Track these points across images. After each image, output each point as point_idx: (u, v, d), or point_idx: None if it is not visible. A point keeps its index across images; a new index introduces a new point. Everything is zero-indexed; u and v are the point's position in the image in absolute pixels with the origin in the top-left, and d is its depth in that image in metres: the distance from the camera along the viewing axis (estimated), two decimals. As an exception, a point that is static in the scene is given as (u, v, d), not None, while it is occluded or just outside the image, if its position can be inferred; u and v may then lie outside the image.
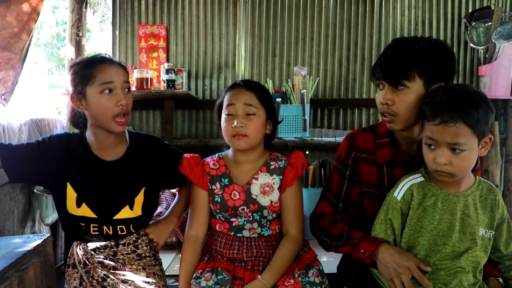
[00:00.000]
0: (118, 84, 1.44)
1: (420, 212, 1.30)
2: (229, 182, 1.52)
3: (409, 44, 1.33)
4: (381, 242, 1.31)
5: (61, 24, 7.48)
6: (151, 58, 3.47)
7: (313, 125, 3.53)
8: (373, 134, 1.50)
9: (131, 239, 1.53)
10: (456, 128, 1.17)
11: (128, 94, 1.49)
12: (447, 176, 1.23)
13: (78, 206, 1.48)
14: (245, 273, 1.46)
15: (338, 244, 1.41)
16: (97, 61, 1.45)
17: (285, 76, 3.53)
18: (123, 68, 1.50)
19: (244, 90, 1.49)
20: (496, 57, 3.18)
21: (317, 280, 1.44)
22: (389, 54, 1.34)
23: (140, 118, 3.57)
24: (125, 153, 1.54)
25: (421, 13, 3.52)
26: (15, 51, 2.25)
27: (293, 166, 1.51)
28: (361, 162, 1.48)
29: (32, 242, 1.54)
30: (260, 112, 1.48)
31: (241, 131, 1.45)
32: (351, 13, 3.53)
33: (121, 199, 1.51)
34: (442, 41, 1.38)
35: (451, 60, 1.34)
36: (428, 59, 1.30)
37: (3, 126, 2.16)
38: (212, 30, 3.54)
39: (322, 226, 1.50)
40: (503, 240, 1.35)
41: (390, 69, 1.32)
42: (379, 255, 1.29)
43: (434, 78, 1.31)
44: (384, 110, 1.36)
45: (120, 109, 1.43)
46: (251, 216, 1.50)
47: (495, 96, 3.17)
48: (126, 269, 1.50)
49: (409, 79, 1.30)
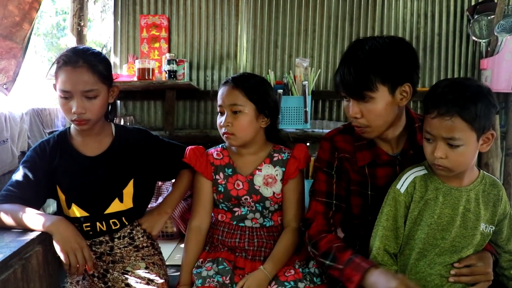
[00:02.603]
0: (75, 93, 1.35)
1: (422, 206, 1.29)
2: (233, 172, 1.54)
3: (362, 47, 1.28)
4: (366, 268, 1.21)
5: (61, 14, 7.42)
6: (153, 48, 3.46)
7: (314, 116, 3.53)
8: (351, 136, 1.46)
9: (126, 231, 1.53)
10: (451, 122, 1.15)
11: (90, 101, 1.38)
12: (444, 170, 1.22)
13: (68, 208, 1.48)
14: (246, 263, 1.47)
15: (326, 263, 1.32)
16: (63, 61, 1.37)
17: (287, 68, 3.52)
18: (91, 70, 1.37)
19: (230, 89, 1.50)
20: (498, 51, 3.17)
21: (317, 271, 1.45)
22: (345, 63, 1.30)
23: (142, 109, 3.57)
24: (109, 146, 1.52)
25: (424, 5, 3.50)
26: (16, 40, 2.25)
27: (296, 159, 1.52)
28: (345, 161, 1.45)
29: (34, 231, 1.55)
30: (247, 109, 1.48)
31: (228, 130, 1.48)
32: (353, 5, 3.51)
33: (109, 193, 1.50)
34: (398, 37, 1.33)
35: (411, 56, 1.30)
36: (386, 61, 1.25)
37: (5, 116, 2.17)
38: (214, 21, 3.53)
39: (311, 234, 1.41)
40: (504, 236, 1.34)
41: (351, 82, 1.27)
42: (366, 283, 1.21)
43: (398, 81, 1.27)
44: (355, 123, 1.34)
45: (76, 117, 1.37)
46: (254, 206, 1.51)
47: (496, 90, 3.16)
48: (125, 261, 1.50)
49: (372, 90, 1.26)
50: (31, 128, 2.42)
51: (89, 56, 1.40)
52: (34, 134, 2.44)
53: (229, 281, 1.40)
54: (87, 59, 1.38)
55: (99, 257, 1.48)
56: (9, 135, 2.14)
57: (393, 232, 1.32)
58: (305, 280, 1.41)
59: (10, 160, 2.15)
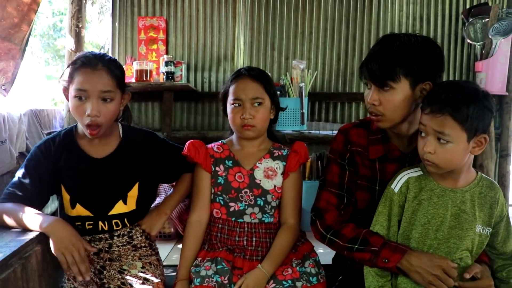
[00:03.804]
0: (92, 93, 1.36)
1: (415, 205, 1.31)
2: (234, 164, 1.55)
3: (395, 41, 1.33)
4: (404, 251, 1.28)
5: (58, 15, 7.40)
6: (151, 50, 3.48)
7: (311, 118, 3.56)
8: (366, 130, 1.51)
9: (125, 230, 1.53)
10: (443, 118, 1.18)
11: (105, 105, 1.39)
12: (433, 166, 1.25)
13: (72, 208, 1.49)
14: (244, 263, 1.48)
15: (354, 247, 1.36)
16: (81, 63, 1.38)
17: (284, 70, 3.55)
18: (109, 73, 1.39)
19: (250, 81, 1.52)
20: (492, 53, 3.20)
21: (314, 270, 1.47)
22: (375, 53, 1.34)
23: (139, 110, 3.58)
24: (116, 148, 1.52)
25: (419, 8, 3.53)
26: (15, 41, 2.26)
27: (297, 153, 1.55)
28: (356, 155, 1.50)
29: (33, 231, 1.56)
30: (266, 101, 1.53)
31: (250, 122, 1.49)
32: (349, 7, 3.54)
33: (114, 195, 1.51)
34: (430, 38, 1.37)
35: (438, 58, 1.34)
36: (414, 58, 1.30)
37: (4, 116, 2.17)
38: (211, 23, 3.55)
39: (328, 224, 1.45)
40: (500, 239, 1.35)
41: (376, 70, 1.32)
42: (406, 264, 1.27)
43: (421, 78, 1.31)
44: (371, 110, 1.38)
45: (89, 120, 1.37)
46: (253, 200, 1.52)
47: (491, 92, 3.17)
48: (122, 260, 1.51)
49: (395, 80, 1.30)
50: (29, 129, 2.42)
51: (107, 61, 1.42)
52: (32, 135, 2.45)
53: (228, 281, 1.40)
54: (106, 63, 1.40)
55: (97, 254, 1.49)
56: (7, 136, 2.15)
57: (387, 231, 1.35)
58: (302, 280, 1.42)
59: (9, 160, 2.16)
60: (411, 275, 1.27)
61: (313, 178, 3.23)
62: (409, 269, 1.27)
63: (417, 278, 1.26)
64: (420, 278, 1.25)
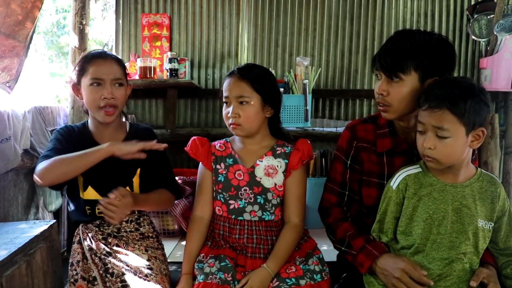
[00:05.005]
0: (106, 80, 1.53)
1: (415, 202, 1.33)
2: (234, 162, 1.56)
3: (410, 37, 1.36)
4: (377, 256, 1.35)
5: (61, 12, 7.40)
6: (154, 47, 3.48)
7: (315, 115, 3.55)
8: (373, 125, 1.54)
9: (134, 217, 1.61)
10: (441, 113, 1.21)
11: (119, 89, 1.57)
12: (433, 162, 1.27)
13: (84, 190, 1.56)
14: (247, 261, 1.49)
15: (341, 249, 1.47)
16: (91, 56, 1.57)
17: (288, 66, 3.54)
18: (118, 63, 1.59)
19: (237, 80, 1.52)
20: (497, 50, 3.18)
21: (317, 268, 1.47)
22: (389, 45, 1.37)
23: (143, 107, 3.58)
24: (123, 140, 1.61)
25: (424, 4, 3.52)
26: (19, 39, 2.26)
27: (299, 150, 1.54)
28: (362, 151, 1.51)
29: (38, 228, 1.57)
30: (253, 100, 1.51)
31: (235, 121, 1.51)
32: (354, 4, 3.53)
33: (121, 179, 1.57)
34: (444, 37, 1.39)
35: (450, 56, 1.37)
36: (426, 54, 1.33)
37: (8, 114, 2.18)
38: (215, 20, 3.54)
39: (329, 222, 1.55)
40: (502, 234, 1.36)
41: (388, 60, 1.35)
42: (376, 267, 1.35)
43: (430, 73, 1.34)
44: (379, 100, 1.41)
45: (105, 102, 1.52)
46: (253, 198, 1.52)
47: (496, 89, 3.18)
48: (129, 249, 1.53)
49: (404, 72, 1.34)
50: (33, 126, 2.43)
51: (113, 55, 1.64)
52: (37, 132, 2.45)
53: (231, 278, 1.41)
54: (113, 56, 1.62)
55: (105, 238, 1.53)
56: (12, 133, 2.15)
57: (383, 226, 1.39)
58: (305, 277, 1.42)
59: (13, 157, 2.16)
60: (380, 277, 1.35)
61: (317, 175, 3.22)
62: (378, 271, 1.35)
63: (384, 280, 1.33)
64: (385, 280, 1.32)
